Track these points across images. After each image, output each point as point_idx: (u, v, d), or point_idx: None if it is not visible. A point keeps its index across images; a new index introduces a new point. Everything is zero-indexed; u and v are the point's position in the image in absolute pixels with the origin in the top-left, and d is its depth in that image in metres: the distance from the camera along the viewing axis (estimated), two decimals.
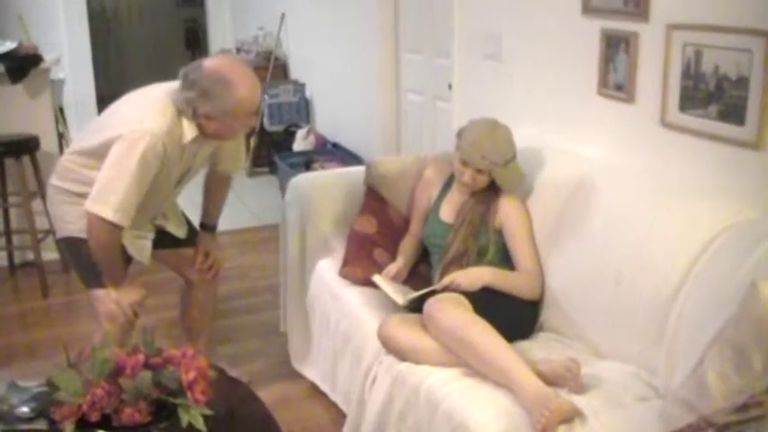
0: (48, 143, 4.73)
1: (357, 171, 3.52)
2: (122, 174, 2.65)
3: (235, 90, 2.68)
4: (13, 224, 4.70)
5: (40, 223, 4.47)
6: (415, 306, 2.70)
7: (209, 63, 2.74)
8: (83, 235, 2.80)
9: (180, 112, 2.74)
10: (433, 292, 2.68)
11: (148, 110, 2.73)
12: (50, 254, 4.64)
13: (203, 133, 2.79)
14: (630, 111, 2.86)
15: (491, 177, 2.84)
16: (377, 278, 2.91)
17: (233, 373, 2.96)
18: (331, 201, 3.41)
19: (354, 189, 3.41)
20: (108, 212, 2.65)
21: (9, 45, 4.69)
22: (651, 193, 2.57)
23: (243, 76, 2.72)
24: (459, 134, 2.89)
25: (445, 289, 2.68)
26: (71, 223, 2.88)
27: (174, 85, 2.78)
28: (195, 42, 10.38)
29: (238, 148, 3.19)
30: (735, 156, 2.43)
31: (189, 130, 2.76)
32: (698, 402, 1.81)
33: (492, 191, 2.89)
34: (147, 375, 1.93)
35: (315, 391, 3.32)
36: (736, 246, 2.18)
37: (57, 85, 5.90)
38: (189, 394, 1.93)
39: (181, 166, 2.87)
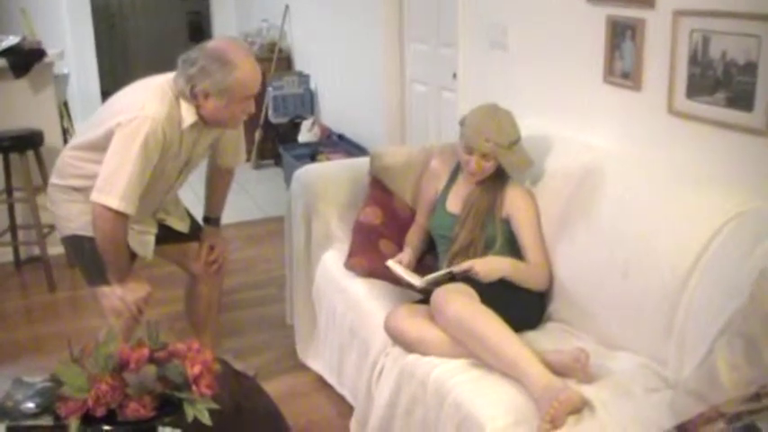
0: (52, 138, 4.72)
1: (362, 162, 3.50)
2: (125, 161, 2.64)
3: (234, 68, 2.68)
4: (19, 219, 4.70)
5: (46, 218, 4.46)
6: (425, 295, 2.68)
7: (210, 43, 2.79)
8: (84, 233, 2.80)
9: (179, 96, 2.74)
10: (449, 274, 2.67)
11: (146, 96, 2.73)
12: (56, 249, 4.61)
13: (202, 117, 2.78)
14: (637, 98, 2.83)
15: (497, 163, 2.82)
16: (391, 263, 2.90)
17: (238, 366, 2.95)
18: (336, 192, 3.40)
19: (359, 180, 3.39)
20: (113, 201, 2.64)
21: (12, 39, 4.68)
22: (659, 181, 2.55)
23: (243, 57, 2.73)
24: (462, 122, 2.88)
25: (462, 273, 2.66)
26: (72, 221, 2.88)
27: (171, 74, 2.79)
28: (199, 35, 10.33)
29: (238, 142, 3.18)
30: (743, 143, 2.41)
31: (188, 115, 2.76)
32: (708, 393, 1.80)
33: (499, 181, 2.87)
34: (151, 370, 1.92)
35: (321, 383, 3.31)
36: (746, 234, 2.15)
37: (61, 80, 5.89)
38: (194, 388, 1.92)
39: (181, 155, 2.86)
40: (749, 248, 2.05)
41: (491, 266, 2.68)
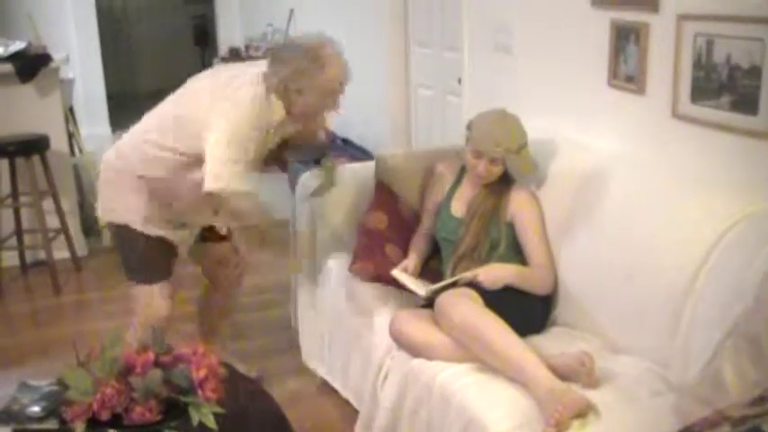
0: (58, 143, 4.74)
1: (367, 166, 3.50)
2: (233, 146, 2.68)
3: (326, 66, 2.75)
4: (24, 224, 4.70)
5: (51, 222, 4.49)
6: (429, 301, 2.68)
7: (301, 40, 2.87)
8: (125, 222, 2.84)
9: (269, 91, 2.76)
10: (454, 284, 2.67)
11: (240, 91, 2.74)
12: (61, 252, 4.65)
13: (291, 112, 2.81)
14: (641, 102, 2.83)
15: (504, 167, 2.82)
16: (395, 272, 2.90)
17: (242, 368, 2.95)
18: (341, 196, 3.39)
19: (364, 184, 3.39)
20: (235, 183, 2.72)
21: (19, 45, 4.71)
22: (663, 185, 2.55)
23: (334, 54, 2.81)
24: (469, 126, 2.88)
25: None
26: (114, 210, 2.89)
27: (255, 67, 2.82)
28: (204, 39, 10.37)
29: None
30: (748, 146, 2.40)
31: (278, 110, 2.79)
32: (713, 397, 1.80)
33: (503, 184, 2.87)
34: (157, 374, 1.93)
35: (326, 387, 3.31)
36: (750, 238, 2.15)
37: (66, 85, 5.90)
38: (200, 392, 1.93)
39: (259, 151, 2.88)
40: (754, 251, 2.05)
41: (496, 275, 2.68)
